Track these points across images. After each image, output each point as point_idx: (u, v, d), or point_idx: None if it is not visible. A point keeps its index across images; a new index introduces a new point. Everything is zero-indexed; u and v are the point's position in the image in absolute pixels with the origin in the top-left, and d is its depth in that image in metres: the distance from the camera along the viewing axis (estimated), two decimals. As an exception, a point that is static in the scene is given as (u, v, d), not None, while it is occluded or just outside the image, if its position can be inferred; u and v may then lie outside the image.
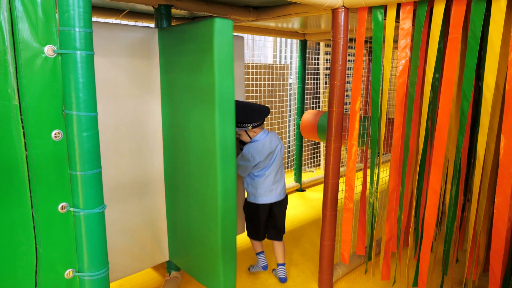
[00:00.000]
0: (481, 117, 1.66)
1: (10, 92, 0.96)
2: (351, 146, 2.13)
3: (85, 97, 1.01)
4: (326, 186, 2.20)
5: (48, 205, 1.05)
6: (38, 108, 0.99)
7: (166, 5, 2.09)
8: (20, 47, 0.95)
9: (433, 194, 1.86)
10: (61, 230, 1.08)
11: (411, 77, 1.92)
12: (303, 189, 4.36)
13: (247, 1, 2.33)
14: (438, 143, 1.80)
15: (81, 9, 0.98)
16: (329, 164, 2.16)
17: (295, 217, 3.56)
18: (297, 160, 4.26)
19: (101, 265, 1.13)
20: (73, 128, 1.02)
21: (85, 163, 1.05)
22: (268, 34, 3.51)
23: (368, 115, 2.59)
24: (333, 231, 2.25)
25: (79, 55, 0.99)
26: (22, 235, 1.05)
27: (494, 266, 1.72)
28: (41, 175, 1.03)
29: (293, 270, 2.58)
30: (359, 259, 2.61)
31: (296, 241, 3.04)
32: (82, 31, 0.99)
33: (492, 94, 1.62)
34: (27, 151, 1.00)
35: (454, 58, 1.70)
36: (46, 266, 1.08)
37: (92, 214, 1.08)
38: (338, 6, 1.97)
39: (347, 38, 2.03)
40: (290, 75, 4.84)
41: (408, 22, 1.86)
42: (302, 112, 4.14)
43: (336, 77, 2.06)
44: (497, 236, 1.69)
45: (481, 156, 1.70)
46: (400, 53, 1.91)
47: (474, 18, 1.63)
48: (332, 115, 2.10)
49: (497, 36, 1.57)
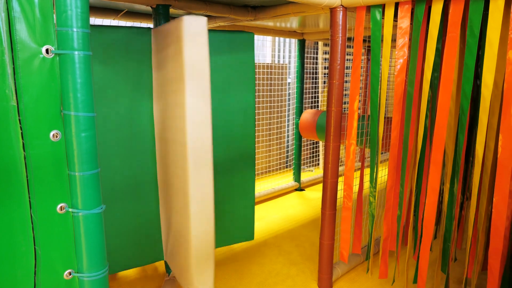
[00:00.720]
0: (480, 116, 1.66)
1: (8, 93, 0.96)
2: (350, 145, 2.13)
3: (83, 97, 1.01)
4: (325, 186, 2.20)
5: (47, 205, 1.05)
6: (36, 108, 0.99)
7: (164, 5, 2.09)
8: (18, 47, 0.95)
9: (432, 193, 1.87)
10: (60, 231, 1.08)
11: (409, 76, 1.93)
12: (302, 188, 4.37)
13: (245, 0, 2.33)
14: (437, 141, 1.81)
15: (79, 9, 0.98)
16: (328, 163, 2.16)
17: (294, 216, 3.56)
18: (296, 159, 4.26)
19: (100, 266, 1.13)
20: (72, 129, 1.02)
21: (83, 164, 1.05)
22: (267, 34, 3.51)
23: (366, 114, 2.59)
24: (332, 231, 2.25)
25: (77, 55, 0.99)
26: (21, 236, 1.05)
27: (493, 265, 1.72)
28: (40, 176, 1.03)
29: (293, 270, 2.58)
30: (358, 258, 2.62)
31: (295, 240, 3.04)
32: (80, 32, 0.99)
33: (490, 92, 1.62)
34: (26, 151, 1.00)
35: (453, 57, 1.70)
36: (45, 267, 1.08)
37: (90, 215, 1.08)
38: (336, 5, 1.97)
39: (345, 37, 2.03)
40: (289, 74, 4.84)
41: (406, 21, 1.86)
42: (301, 112, 4.14)
43: (334, 76, 2.06)
44: (495, 235, 1.69)
45: (480, 155, 1.70)
46: (398, 52, 1.91)
47: (472, 17, 1.63)
48: (331, 114, 2.10)
49: (495, 35, 1.57)
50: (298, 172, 4.29)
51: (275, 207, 3.80)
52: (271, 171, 4.82)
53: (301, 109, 4.17)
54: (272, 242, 3.00)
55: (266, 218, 3.50)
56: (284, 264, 2.66)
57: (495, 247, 1.69)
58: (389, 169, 2.08)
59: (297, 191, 4.30)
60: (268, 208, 3.76)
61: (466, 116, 1.75)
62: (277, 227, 3.30)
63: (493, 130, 1.75)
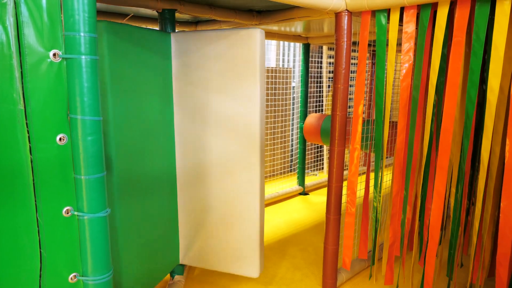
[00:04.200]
0: (486, 121, 1.65)
1: (15, 97, 0.97)
2: (354, 150, 2.13)
3: (89, 101, 1.02)
4: (330, 190, 2.19)
5: (53, 209, 1.06)
6: (43, 112, 1.00)
7: (170, 9, 2.10)
8: (26, 52, 0.96)
9: (438, 198, 1.85)
10: (65, 234, 1.08)
11: (415, 81, 1.92)
12: (307, 192, 4.36)
13: (251, 5, 2.34)
14: (443, 146, 1.80)
15: (86, 14, 0.99)
16: (333, 167, 2.16)
17: (299, 221, 3.55)
18: (300, 163, 4.25)
19: (105, 269, 1.13)
20: (78, 132, 1.03)
21: (89, 167, 1.05)
22: (271, 38, 3.52)
23: (371, 118, 2.58)
24: (336, 235, 2.24)
25: (84, 59, 1.00)
26: (26, 238, 1.05)
27: (501, 271, 1.70)
28: (46, 179, 1.03)
29: (297, 275, 2.57)
30: (363, 263, 2.60)
31: (299, 245, 3.03)
32: (87, 36, 1.00)
33: (496, 97, 1.61)
34: (32, 155, 1.01)
35: (458, 61, 1.70)
36: (50, 270, 1.08)
37: (96, 218, 1.08)
38: (341, 10, 1.97)
39: (350, 42, 2.03)
40: (293, 78, 4.85)
41: (411, 26, 1.86)
42: (305, 116, 4.14)
43: (339, 80, 2.06)
44: (503, 241, 1.67)
45: (486, 160, 1.69)
46: (404, 57, 1.91)
47: (478, 21, 1.63)
48: (336, 119, 2.10)
49: (501, 39, 1.56)
50: (302, 176, 4.28)
51: (279, 211, 3.79)
52: (275, 175, 4.81)
53: (306, 113, 4.17)
54: (276, 246, 2.99)
55: (270, 222, 3.49)
56: (288, 268, 2.65)
57: (503, 253, 1.68)
58: (394, 174, 2.07)
59: (301, 195, 4.29)
60: (272, 212, 3.75)
61: (471, 121, 1.74)
62: (281, 231, 3.29)
63: (499, 135, 1.74)
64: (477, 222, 1.81)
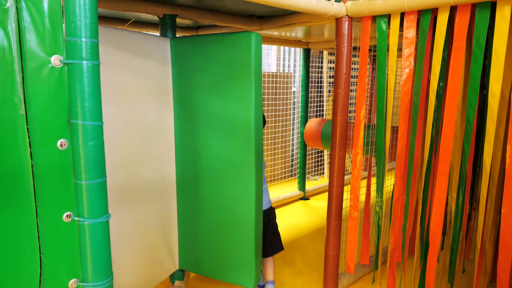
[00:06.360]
0: (487, 126, 1.65)
1: (16, 102, 0.97)
2: (356, 154, 2.12)
3: (90, 106, 1.02)
4: (331, 195, 2.18)
5: (53, 214, 1.05)
6: (44, 117, 1.00)
7: (171, 14, 2.11)
8: (27, 57, 0.96)
9: (439, 203, 1.85)
10: (66, 240, 1.08)
11: (415, 86, 1.92)
12: (307, 197, 4.34)
13: (251, 10, 2.35)
14: (444, 151, 1.79)
15: (88, 19, 0.99)
16: (334, 172, 2.15)
17: (299, 226, 3.54)
18: (301, 168, 4.25)
19: (105, 275, 1.12)
20: (79, 137, 1.03)
21: (90, 172, 1.05)
22: (272, 43, 3.53)
23: (372, 123, 2.58)
24: (337, 241, 2.23)
25: (85, 65, 1.00)
26: (26, 244, 1.05)
27: (502, 277, 1.69)
28: (46, 184, 1.03)
29: (298, 280, 2.56)
30: (364, 268, 2.59)
31: (300, 250, 3.02)
32: (88, 41, 1.00)
33: (497, 102, 1.61)
34: (33, 160, 1.00)
35: (459, 66, 1.70)
36: (50, 276, 1.08)
37: (96, 224, 1.08)
38: (342, 15, 1.98)
39: (351, 47, 2.04)
40: (294, 83, 4.85)
41: (412, 31, 1.87)
42: (306, 121, 4.14)
43: (340, 85, 2.06)
44: (504, 247, 1.66)
45: (488, 165, 1.69)
46: (404, 62, 1.91)
47: (478, 27, 1.63)
48: (337, 124, 2.10)
49: (502, 44, 1.57)
50: (303, 181, 4.27)
51: (280, 216, 3.77)
52: (276, 180, 4.80)
53: (306, 118, 4.17)
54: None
55: (271, 227, 3.47)
56: (289, 274, 2.64)
57: (504, 258, 1.67)
58: (396, 179, 2.07)
59: (301, 200, 4.27)
60: (272, 217, 3.74)
61: (472, 126, 1.73)
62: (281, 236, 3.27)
63: (500, 140, 1.74)
64: (480, 227, 1.80)
